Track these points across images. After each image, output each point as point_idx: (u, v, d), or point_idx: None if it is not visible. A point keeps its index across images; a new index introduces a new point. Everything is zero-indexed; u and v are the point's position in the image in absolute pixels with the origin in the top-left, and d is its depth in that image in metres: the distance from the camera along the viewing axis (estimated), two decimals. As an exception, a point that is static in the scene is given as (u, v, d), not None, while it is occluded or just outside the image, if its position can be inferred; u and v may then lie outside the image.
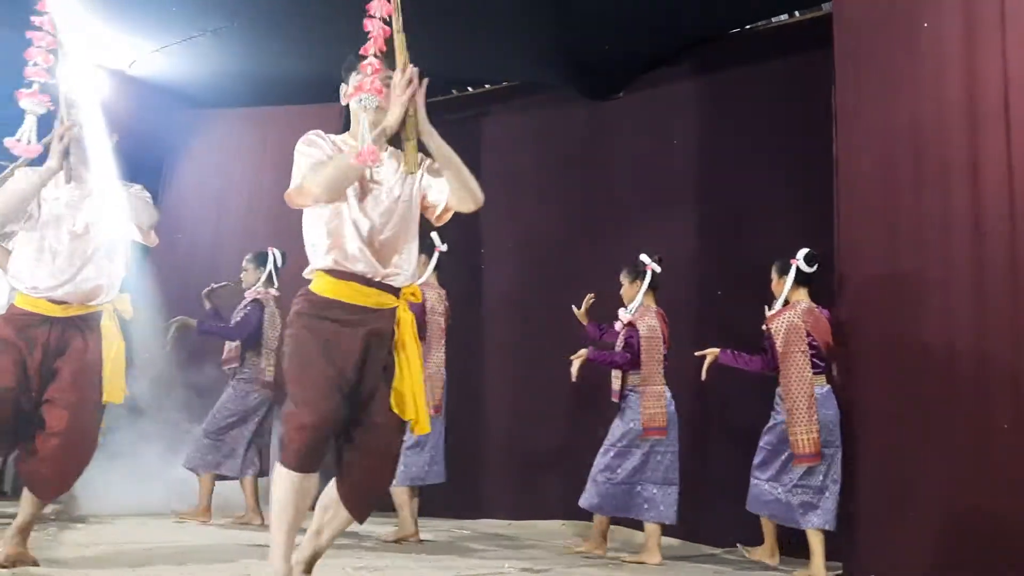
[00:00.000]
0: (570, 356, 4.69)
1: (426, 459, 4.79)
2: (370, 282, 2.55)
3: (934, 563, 3.71)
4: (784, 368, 4.25)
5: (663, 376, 4.59)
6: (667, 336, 4.68)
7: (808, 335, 4.23)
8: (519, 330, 6.24)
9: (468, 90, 6.97)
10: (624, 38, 5.66)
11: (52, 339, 3.13)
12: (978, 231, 3.77)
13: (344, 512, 2.54)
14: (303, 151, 2.56)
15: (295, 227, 2.67)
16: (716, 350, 4.46)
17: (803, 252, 4.37)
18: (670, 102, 6.01)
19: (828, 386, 4.23)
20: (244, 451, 5.13)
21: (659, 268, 4.75)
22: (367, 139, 2.47)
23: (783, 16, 5.59)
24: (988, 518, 3.59)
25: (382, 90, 2.52)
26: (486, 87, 6.92)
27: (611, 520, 4.65)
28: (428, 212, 2.70)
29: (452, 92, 6.98)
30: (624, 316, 4.71)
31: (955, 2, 3.98)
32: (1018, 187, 3.70)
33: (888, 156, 4.09)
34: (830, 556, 4.14)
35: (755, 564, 4.52)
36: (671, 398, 4.60)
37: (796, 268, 4.36)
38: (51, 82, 3.23)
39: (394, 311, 2.59)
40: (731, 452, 5.00)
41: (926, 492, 3.77)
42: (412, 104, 2.48)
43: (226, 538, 4.43)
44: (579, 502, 4.64)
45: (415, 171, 2.55)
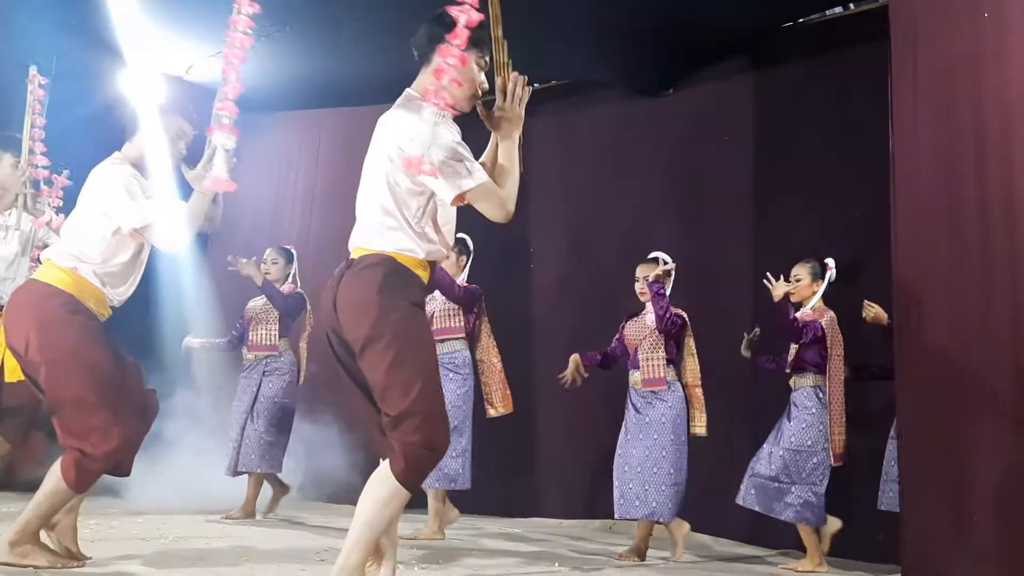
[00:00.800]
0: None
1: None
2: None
3: (992, 567, 3.61)
4: (830, 369, 4.37)
5: None
6: None
7: None
8: (569, 329, 6.22)
9: (518, 90, 7.00)
10: (674, 33, 5.62)
11: None
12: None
13: None
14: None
15: (348, 228, 2.69)
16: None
17: (832, 261, 4.59)
18: (721, 98, 5.95)
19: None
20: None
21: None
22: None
23: (837, 8, 5.48)
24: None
25: (466, 60, 2.52)
26: (535, 86, 6.92)
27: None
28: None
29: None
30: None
31: (1017, -10, 3.87)
32: (1085, 181, 3.59)
33: (948, 152, 3.98)
34: (887, 559, 4.09)
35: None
36: None
37: (830, 274, 4.56)
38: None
39: None
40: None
41: (984, 496, 3.66)
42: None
43: (271, 536, 4.50)
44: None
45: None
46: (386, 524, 2.44)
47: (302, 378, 5.42)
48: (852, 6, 5.41)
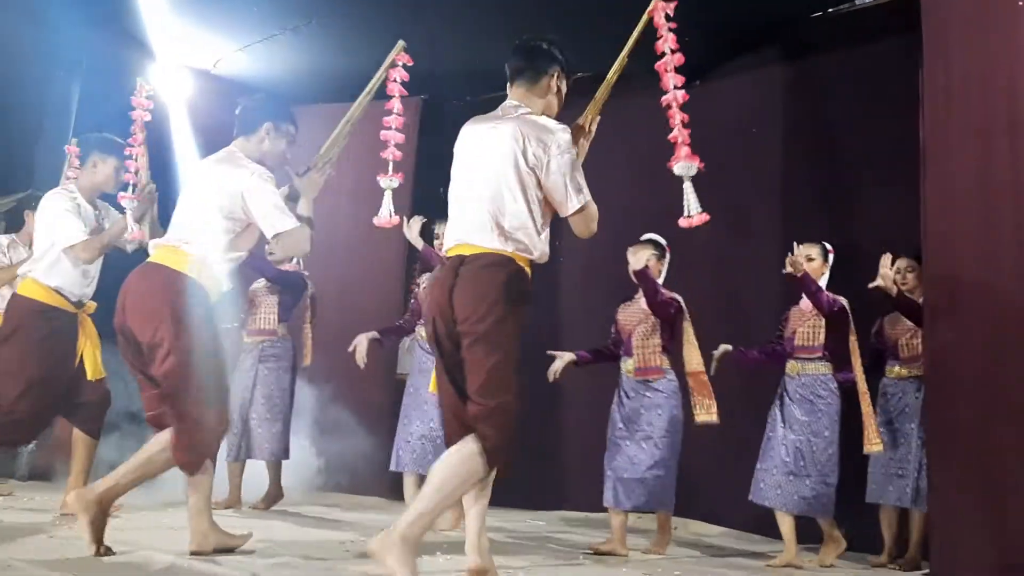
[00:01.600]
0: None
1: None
2: None
3: (1021, 566, 3.56)
4: (852, 355, 4.28)
5: None
6: None
7: None
8: (598, 323, 6.19)
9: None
10: (702, 25, 5.57)
11: None
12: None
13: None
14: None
15: (373, 220, 2.70)
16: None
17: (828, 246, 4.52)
18: (749, 89, 5.89)
19: None
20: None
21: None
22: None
23: (867, -2, 5.43)
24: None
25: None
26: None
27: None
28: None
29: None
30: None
31: (1053, -22, 3.79)
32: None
33: (981, 143, 3.91)
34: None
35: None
36: None
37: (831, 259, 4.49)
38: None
39: None
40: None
41: (1014, 493, 3.61)
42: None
43: (291, 528, 4.52)
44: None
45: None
46: (457, 498, 2.72)
47: (308, 360, 5.29)
48: (883, -5, 5.35)
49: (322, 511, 5.35)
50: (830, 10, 5.58)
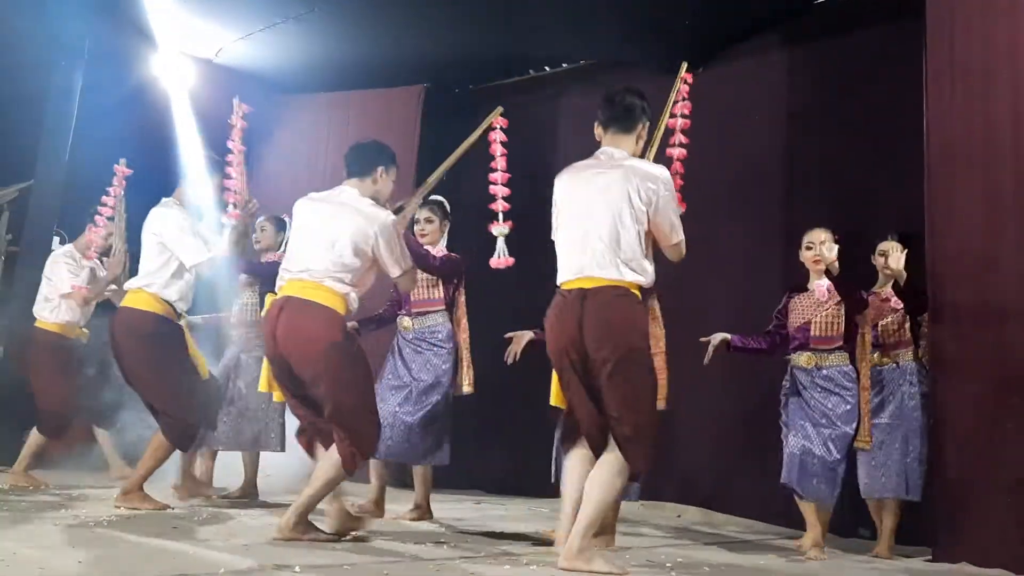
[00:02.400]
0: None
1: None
2: None
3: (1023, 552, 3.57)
4: (860, 347, 4.16)
5: None
6: None
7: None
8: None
9: (545, 70, 6.94)
10: (704, 11, 5.55)
11: None
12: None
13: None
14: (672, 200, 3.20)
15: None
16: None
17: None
18: (751, 76, 5.87)
19: None
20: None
21: None
22: None
23: (871, -15, 5.40)
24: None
25: None
26: (563, 66, 6.87)
27: None
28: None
29: (529, 72, 6.97)
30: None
31: (1059, -35, 3.78)
32: None
33: (984, 132, 3.91)
34: (918, 541, 4.08)
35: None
36: None
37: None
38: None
39: None
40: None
41: (1017, 477, 3.63)
42: None
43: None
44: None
45: None
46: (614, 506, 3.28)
47: None
48: (886, -18, 5.31)
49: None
50: (834, -3, 5.57)
